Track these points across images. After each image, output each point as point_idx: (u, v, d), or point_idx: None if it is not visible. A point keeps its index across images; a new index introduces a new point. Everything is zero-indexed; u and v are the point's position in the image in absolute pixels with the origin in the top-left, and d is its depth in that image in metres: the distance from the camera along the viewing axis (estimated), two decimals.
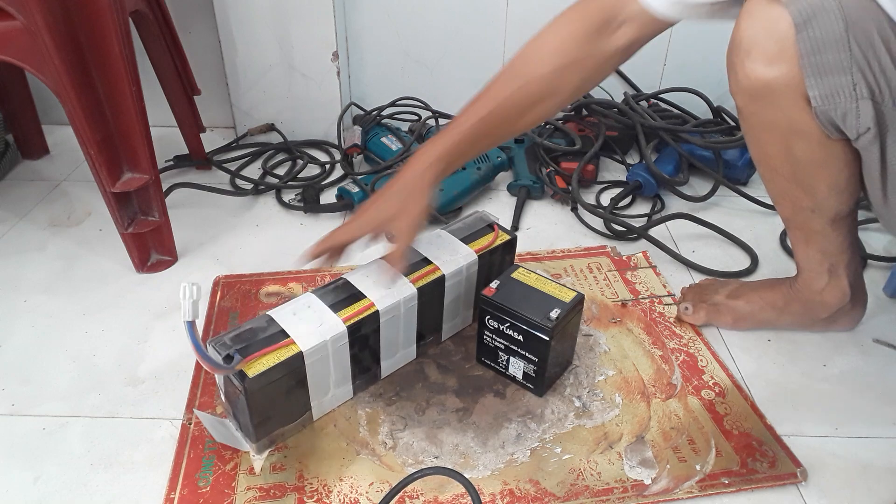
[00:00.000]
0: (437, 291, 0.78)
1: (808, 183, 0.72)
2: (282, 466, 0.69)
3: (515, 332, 0.74)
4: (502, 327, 0.75)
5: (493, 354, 0.79)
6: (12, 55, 0.81)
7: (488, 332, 0.77)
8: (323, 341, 0.67)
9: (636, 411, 0.76)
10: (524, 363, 0.76)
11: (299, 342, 0.66)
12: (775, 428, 0.75)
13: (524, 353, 0.75)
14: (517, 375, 0.78)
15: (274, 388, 0.66)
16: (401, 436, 0.73)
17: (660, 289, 0.96)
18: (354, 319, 0.70)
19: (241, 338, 0.66)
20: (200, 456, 0.70)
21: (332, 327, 0.68)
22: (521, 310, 0.73)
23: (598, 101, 1.31)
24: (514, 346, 0.75)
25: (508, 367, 0.78)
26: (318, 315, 0.69)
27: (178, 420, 0.75)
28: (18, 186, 1.22)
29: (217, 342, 0.65)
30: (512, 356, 0.76)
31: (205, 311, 0.91)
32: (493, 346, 0.78)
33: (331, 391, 0.73)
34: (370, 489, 0.67)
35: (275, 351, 0.65)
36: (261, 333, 0.67)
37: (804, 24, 0.60)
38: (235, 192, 1.19)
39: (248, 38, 1.28)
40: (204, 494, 0.66)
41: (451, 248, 0.80)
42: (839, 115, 0.63)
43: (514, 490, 0.67)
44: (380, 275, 0.74)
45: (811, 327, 0.87)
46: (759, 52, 0.65)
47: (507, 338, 0.75)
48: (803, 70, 0.62)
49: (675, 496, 0.67)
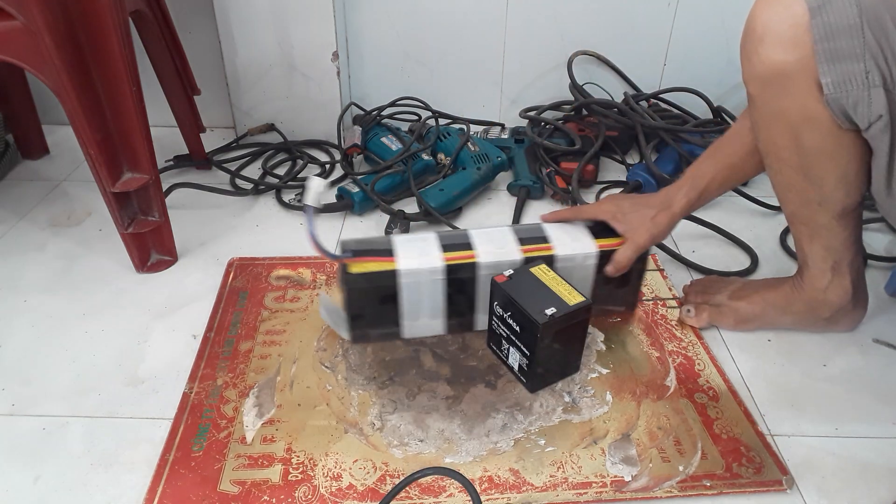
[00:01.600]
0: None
1: (817, 174, 0.72)
2: (272, 438, 0.72)
3: (514, 321, 0.75)
4: (505, 315, 0.76)
5: (497, 341, 0.80)
6: (12, 55, 0.81)
7: (495, 318, 0.78)
8: (419, 268, 0.76)
9: (625, 410, 0.77)
10: (520, 355, 0.76)
11: (399, 262, 0.76)
12: (775, 428, 0.75)
13: (520, 344, 0.75)
14: (514, 366, 0.78)
15: (369, 291, 0.77)
16: (389, 418, 0.75)
17: (665, 292, 0.96)
18: (454, 262, 0.77)
19: (363, 243, 0.79)
20: (197, 423, 0.74)
21: (432, 260, 0.77)
22: (522, 301, 0.73)
23: (598, 101, 1.31)
24: (513, 336, 0.76)
25: (508, 357, 0.79)
26: (427, 248, 0.78)
27: None
28: (18, 186, 1.22)
29: (345, 243, 0.79)
30: (511, 346, 0.77)
31: (216, 289, 0.95)
32: (498, 332, 0.79)
33: (422, 318, 0.81)
34: (353, 465, 0.70)
35: (379, 262, 0.76)
36: (377, 246, 0.78)
37: (818, 10, 0.60)
38: (235, 192, 1.19)
39: (248, 38, 1.28)
40: (196, 458, 0.70)
41: (577, 236, 0.82)
42: (851, 103, 0.63)
43: (493, 477, 0.69)
44: (502, 240, 0.80)
45: (813, 327, 0.87)
46: (774, 37, 0.65)
47: (509, 326, 0.76)
48: (816, 56, 0.62)
49: (653, 494, 0.67)
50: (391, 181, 1.16)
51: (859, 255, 0.81)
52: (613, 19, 1.33)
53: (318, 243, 0.70)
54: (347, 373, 0.81)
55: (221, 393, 0.78)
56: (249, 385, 0.79)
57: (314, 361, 0.82)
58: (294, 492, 0.67)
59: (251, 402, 0.77)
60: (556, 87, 1.40)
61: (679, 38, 1.34)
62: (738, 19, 0.74)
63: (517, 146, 1.30)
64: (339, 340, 0.85)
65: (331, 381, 0.80)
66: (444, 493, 0.67)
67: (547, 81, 1.40)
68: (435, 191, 1.13)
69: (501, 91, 1.42)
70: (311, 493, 0.67)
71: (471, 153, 1.22)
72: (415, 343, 0.85)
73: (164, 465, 0.69)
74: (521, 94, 1.42)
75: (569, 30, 1.34)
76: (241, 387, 0.79)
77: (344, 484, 0.68)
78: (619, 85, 1.40)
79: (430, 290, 0.78)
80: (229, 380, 0.80)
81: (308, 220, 0.70)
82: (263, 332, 0.87)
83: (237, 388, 0.79)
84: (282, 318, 0.89)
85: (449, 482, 0.68)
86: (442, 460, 0.70)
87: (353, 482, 0.68)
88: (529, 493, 0.67)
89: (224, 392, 0.78)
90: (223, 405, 0.76)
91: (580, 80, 1.36)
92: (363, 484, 0.68)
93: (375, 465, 0.70)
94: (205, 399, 0.77)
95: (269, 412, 0.75)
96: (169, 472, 0.68)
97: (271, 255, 1.01)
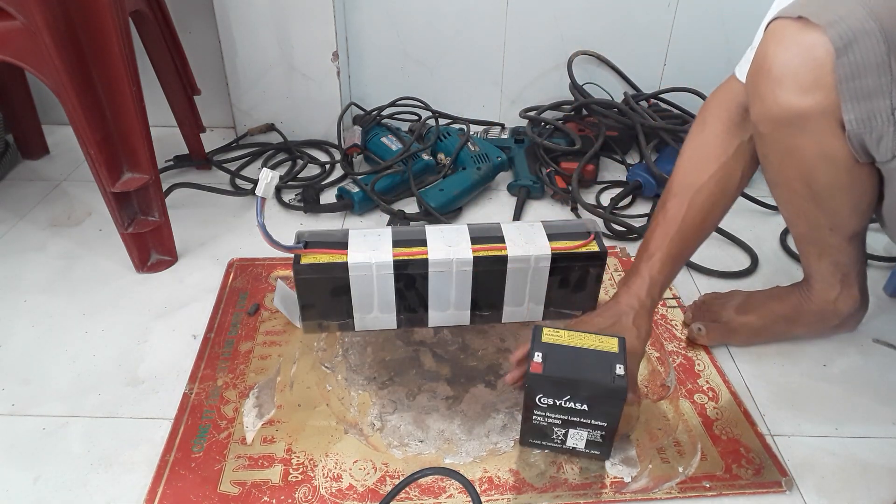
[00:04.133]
0: (498, 269, 0.79)
1: (830, 206, 0.70)
2: (272, 439, 0.73)
3: (578, 402, 0.66)
4: (560, 402, 0.67)
5: (544, 432, 0.70)
6: (12, 55, 0.81)
7: (539, 412, 0.68)
8: (368, 262, 0.76)
9: (625, 410, 0.76)
10: (588, 432, 0.68)
11: (350, 255, 0.76)
12: (775, 428, 0.75)
13: (589, 421, 0.67)
14: (577, 446, 0.70)
15: (319, 282, 0.77)
16: (389, 418, 0.75)
17: (665, 291, 0.95)
18: (403, 257, 0.77)
19: (316, 236, 0.79)
20: (197, 424, 0.74)
21: (381, 255, 0.77)
22: (584, 376, 0.65)
23: (598, 101, 1.31)
24: (576, 416, 0.67)
25: (566, 441, 0.70)
26: (379, 243, 0.78)
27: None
28: (18, 186, 1.22)
29: (300, 234, 0.79)
30: (572, 428, 0.69)
31: (217, 289, 0.95)
32: (545, 423, 0.69)
33: (374, 312, 0.81)
34: (354, 466, 0.70)
35: (331, 254, 0.77)
36: (331, 239, 0.78)
37: (844, 49, 0.57)
38: (235, 192, 1.19)
39: (248, 38, 1.28)
40: (196, 459, 0.70)
41: (532, 237, 0.80)
42: (874, 138, 0.60)
43: (493, 478, 0.69)
44: (456, 238, 0.79)
45: (820, 335, 0.86)
46: (793, 80, 0.61)
47: (567, 411, 0.67)
48: (840, 95, 0.59)
49: (653, 496, 0.67)
50: (391, 181, 1.16)
51: (864, 263, 0.81)
52: (613, 19, 1.33)
53: (267, 234, 0.70)
54: (347, 373, 0.81)
55: (221, 393, 0.78)
56: (249, 385, 0.79)
57: (314, 362, 0.82)
58: (294, 492, 0.67)
59: (251, 403, 0.77)
60: (556, 87, 1.40)
61: (679, 38, 1.34)
62: (738, 19, 0.74)
63: (517, 146, 1.30)
64: (340, 341, 0.85)
65: (331, 382, 0.80)
66: (444, 494, 0.67)
67: (547, 81, 1.40)
68: (435, 191, 1.13)
69: (501, 91, 1.42)
70: (311, 494, 0.67)
71: (471, 153, 1.22)
72: (415, 343, 0.85)
73: (165, 465, 0.69)
74: (521, 94, 1.42)
75: (569, 30, 1.34)
76: (241, 387, 0.79)
77: (344, 484, 0.68)
78: (619, 85, 1.40)
79: (380, 284, 0.78)
80: (229, 380, 0.80)
81: (258, 210, 0.69)
82: (263, 333, 0.87)
83: (237, 388, 0.79)
84: (282, 319, 0.89)
85: (449, 483, 0.68)
86: (442, 461, 0.70)
87: (353, 483, 0.68)
88: (529, 494, 0.67)
89: (224, 392, 0.78)
90: (223, 406, 0.76)
91: (580, 80, 1.36)
92: (363, 484, 0.68)
93: (375, 466, 0.70)
94: (205, 399, 0.77)
95: (269, 413, 0.75)
96: (169, 472, 0.69)
97: (271, 256, 1.01)
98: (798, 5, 0.60)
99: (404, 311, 0.82)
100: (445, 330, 0.87)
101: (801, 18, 0.59)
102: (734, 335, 0.86)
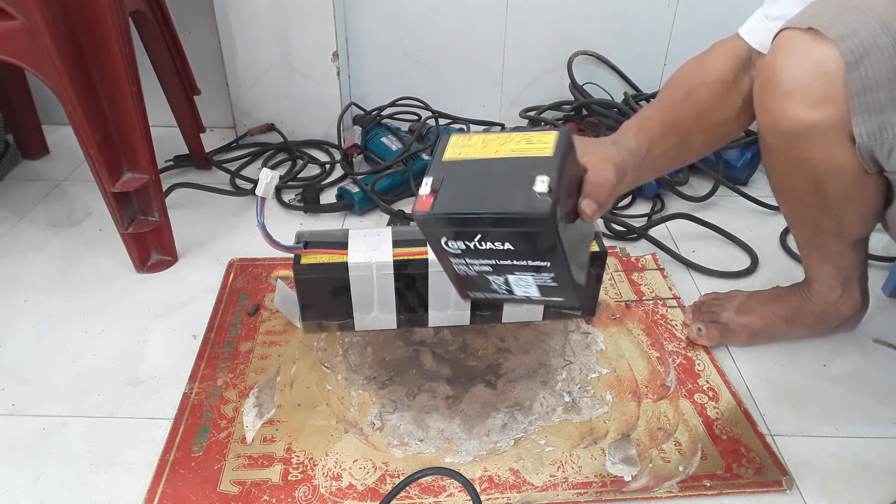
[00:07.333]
0: None
1: (837, 214, 0.70)
2: (272, 438, 0.73)
3: (497, 241, 0.48)
4: (472, 244, 0.49)
5: (479, 283, 0.54)
6: (12, 55, 0.81)
7: (457, 259, 0.52)
8: (368, 262, 0.77)
9: (625, 410, 0.77)
10: (531, 276, 0.52)
11: (350, 255, 0.77)
12: (775, 428, 0.75)
13: (524, 262, 0.50)
14: (531, 294, 0.54)
15: (320, 281, 0.77)
16: (389, 418, 0.75)
17: (665, 291, 0.95)
18: (403, 257, 0.77)
19: (316, 236, 0.79)
20: (197, 423, 0.74)
21: (382, 255, 0.77)
22: (487, 207, 0.46)
23: (598, 101, 1.31)
24: (506, 259, 0.51)
25: (514, 290, 0.54)
26: (379, 243, 0.79)
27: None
28: (18, 186, 1.22)
29: (300, 234, 0.79)
30: (509, 274, 0.52)
31: (217, 289, 0.95)
32: (473, 272, 0.53)
33: (374, 312, 0.82)
34: (353, 465, 0.70)
35: (331, 254, 0.77)
36: (331, 239, 0.79)
37: (856, 64, 0.56)
38: (235, 192, 1.19)
39: (248, 38, 1.28)
40: (196, 458, 0.70)
41: None
42: (885, 150, 0.60)
43: (493, 476, 0.69)
44: None
45: (820, 335, 0.87)
46: (803, 94, 0.60)
47: (490, 253, 0.50)
48: (851, 109, 0.58)
49: (653, 494, 0.67)
50: (391, 181, 1.16)
51: (866, 264, 0.81)
52: (613, 19, 1.33)
53: (267, 234, 0.71)
54: (347, 373, 0.81)
55: (221, 393, 0.78)
56: (249, 385, 0.79)
57: (314, 361, 0.82)
58: (294, 492, 0.67)
59: (251, 403, 0.77)
60: (556, 87, 1.40)
61: (679, 38, 1.34)
62: (738, 19, 0.74)
63: None
64: (340, 341, 0.85)
65: (331, 381, 0.80)
66: (444, 493, 0.67)
67: (547, 81, 1.40)
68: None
69: (501, 91, 1.42)
70: (311, 493, 0.67)
71: None
72: (415, 343, 0.85)
73: (164, 465, 0.69)
74: (521, 94, 1.42)
75: (569, 30, 1.34)
76: (241, 387, 0.79)
77: (344, 484, 0.68)
78: (619, 85, 1.40)
79: (380, 284, 0.79)
80: (229, 380, 0.80)
81: (258, 210, 0.70)
82: (263, 333, 0.87)
83: (237, 388, 0.79)
84: (282, 319, 0.89)
85: (449, 482, 0.68)
86: (442, 460, 0.71)
87: (353, 482, 0.68)
88: (529, 492, 0.67)
89: (224, 392, 0.78)
90: (223, 405, 0.76)
91: (580, 80, 1.36)
92: (363, 484, 0.68)
93: (375, 465, 0.70)
94: (205, 399, 0.77)
95: (269, 412, 0.76)
96: (169, 472, 0.69)
97: (271, 256, 1.01)
98: (808, 15, 0.59)
99: (404, 311, 0.82)
100: (445, 330, 0.87)
101: (812, 30, 0.58)
102: (734, 336, 0.86)
